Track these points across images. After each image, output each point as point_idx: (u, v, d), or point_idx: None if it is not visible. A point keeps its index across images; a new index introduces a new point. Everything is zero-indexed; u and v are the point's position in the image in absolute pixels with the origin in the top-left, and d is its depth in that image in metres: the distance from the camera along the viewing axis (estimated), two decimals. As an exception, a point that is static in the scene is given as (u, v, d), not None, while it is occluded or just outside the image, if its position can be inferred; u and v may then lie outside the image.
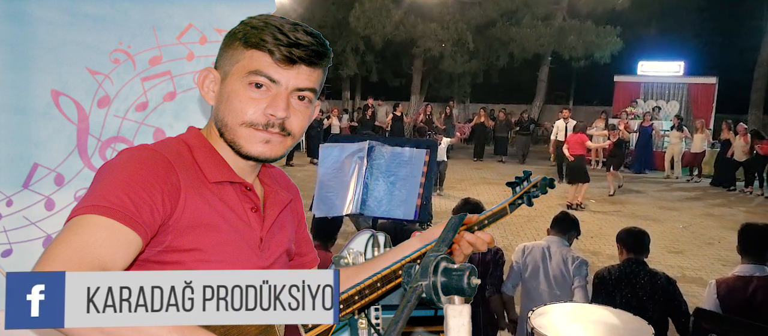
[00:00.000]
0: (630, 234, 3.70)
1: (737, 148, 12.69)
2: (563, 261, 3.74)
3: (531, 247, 3.89)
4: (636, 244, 3.62)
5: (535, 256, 3.81)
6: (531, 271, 3.80)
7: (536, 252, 3.82)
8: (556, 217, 4.01)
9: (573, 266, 3.70)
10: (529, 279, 3.80)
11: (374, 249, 2.60)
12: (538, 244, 3.89)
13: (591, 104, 22.66)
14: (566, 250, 3.80)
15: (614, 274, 3.55)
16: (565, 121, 13.62)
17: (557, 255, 3.77)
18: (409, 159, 2.73)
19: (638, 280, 3.48)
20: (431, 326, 2.36)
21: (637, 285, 3.47)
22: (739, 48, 21.77)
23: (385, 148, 2.76)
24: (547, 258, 3.79)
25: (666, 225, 9.08)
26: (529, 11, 20.08)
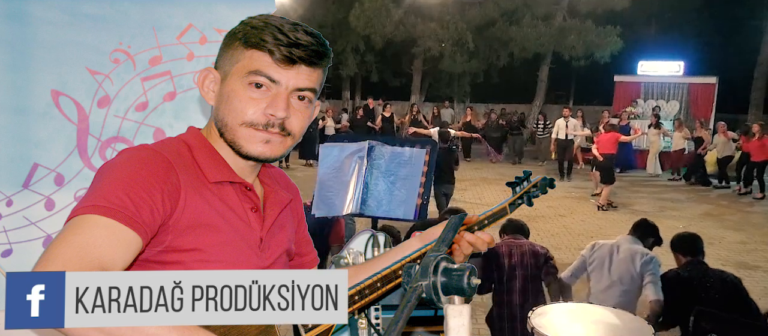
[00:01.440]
0: (684, 239, 3.85)
1: (718, 145, 12.90)
2: (631, 258, 3.81)
3: (601, 243, 4.00)
4: (692, 247, 3.77)
5: (603, 251, 3.92)
6: (596, 264, 3.90)
7: (605, 248, 3.93)
8: (636, 223, 4.14)
9: (642, 262, 3.76)
10: (593, 273, 3.89)
11: (374, 249, 2.60)
12: (609, 242, 4.00)
13: (591, 104, 22.63)
14: (636, 248, 3.86)
15: (684, 275, 3.65)
16: (565, 120, 13.63)
17: (626, 252, 3.85)
18: (409, 159, 2.73)
19: (707, 280, 3.57)
20: (431, 326, 2.36)
21: (708, 284, 3.55)
22: (739, 48, 21.76)
23: (385, 148, 2.76)
24: (614, 254, 3.88)
25: (666, 225, 9.06)
26: (529, 11, 20.06)
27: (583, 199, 11.03)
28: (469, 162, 16.18)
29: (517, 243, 3.87)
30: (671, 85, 17.72)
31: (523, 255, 3.78)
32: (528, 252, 3.80)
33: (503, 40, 20.85)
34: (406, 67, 23.85)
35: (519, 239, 3.94)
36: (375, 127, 16.13)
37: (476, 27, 20.55)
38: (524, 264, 3.76)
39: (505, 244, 3.88)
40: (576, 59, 20.51)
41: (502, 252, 3.81)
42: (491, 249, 3.87)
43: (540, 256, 3.81)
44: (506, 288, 3.76)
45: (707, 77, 17.62)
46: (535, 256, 3.79)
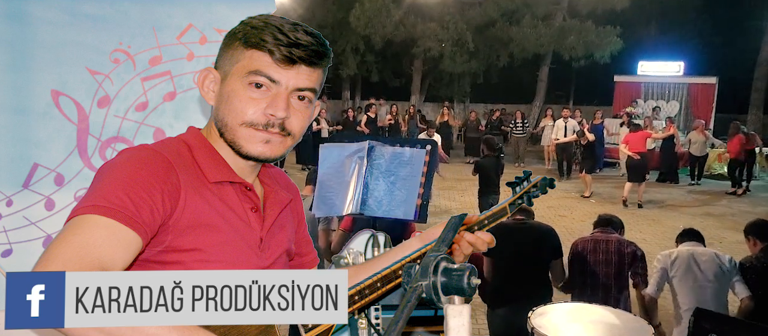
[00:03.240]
0: (759, 226, 4.08)
1: (695, 143, 13.16)
2: (713, 259, 3.94)
3: (674, 252, 4.10)
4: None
5: (682, 257, 4.00)
6: (682, 271, 3.96)
7: (682, 255, 4.01)
8: (686, 230, 4.30)
9: (728, 262, 3.92)
10: (681, 279, 3.95)
11: (374, 249, 2.60)
12: (677, 249, 4.11)
13: (591, 104, 22.64)
14: (710, 250, 4.03)
15: (762, 260, 3.83)
16: (564, 121, 13.63)
17: (707, 254, 3.98)
18: (409, 159, 2.73)
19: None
20: (431, 326, 2.36)
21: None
22: (739, 48, 21.75)
23: (386, 148, 2.76)
24: (695, 259, 3.97)
25: (666, 225, 9.08)
26: (529, 11, 20.05)
27: (583, 199, 11.03)
28: (469, 163, 16.17)
29: (605, 238, 3.95)
30: (671, 85, 17.74)
31: (609, 252, 3.88)
32: (614, 249, 3.89)
33: (503, 40, 20.84)
34: (406, 67, 23.84)
35: (608, 234, 4.01)
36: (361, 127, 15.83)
37: (476, 27, 20.54)
38: (609, 261, 3.87)
39: (591, 240, 3.97)
40: (576, 59, 20.51)
41: (587, 249, 3.92)
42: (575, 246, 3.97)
43: (625, 255, 3.88)
44: (590, 285, 3.85)
45: (707, 77, 17.64)
46: (619, 255, 3.88)
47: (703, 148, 13.20)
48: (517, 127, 16.08)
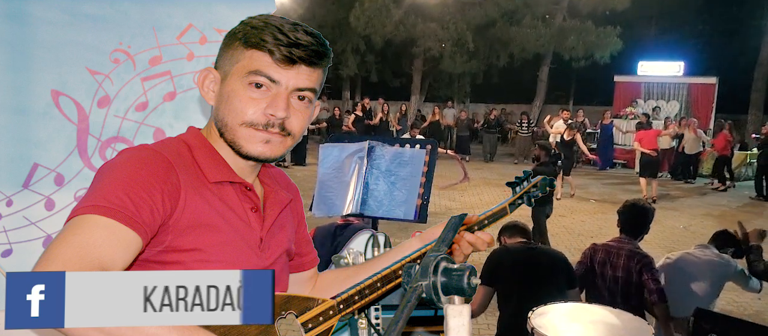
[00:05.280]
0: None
1: (687, 141, 13.37)
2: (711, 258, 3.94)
3: (675, 255, 4.08)
4: None
5: (683, 261, 3.98)
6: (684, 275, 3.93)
7: (684, 258, 3.99)
8: (716, 233, 4.29)
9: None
10: (683, 283, 3.91)
11: (374, 249, 2.60)
12: (685, 253, 4.08)
13: (591, 104, 22.64)
14: (712, 251, 4.01)
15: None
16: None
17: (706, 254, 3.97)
18: (409, 159, 2.73)
19: None
20: (431, 326, 2.36)
21: None
22: (739, 48, 21.77)
23: (386, 148, 2.76)
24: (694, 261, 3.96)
25: (666, 225, 9.08)
26: (529, 11, 20.06)
27: (583, 200, 11.03)
28: (468, 163, 16.17)
29: (617, 247, 3.73)
30: (671, 85, 17.74)
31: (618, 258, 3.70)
32: (624, 256, 3.68)
33: (503, 40, 20.85)
34: (406, 67, 23.83)
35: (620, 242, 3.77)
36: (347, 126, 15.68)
37: (476, 27, 20.54)
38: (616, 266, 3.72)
39: (602, 249, 3.79)
40: (576, 59, 20.52)
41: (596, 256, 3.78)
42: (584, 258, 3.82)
43: (634, 265, 3.62)
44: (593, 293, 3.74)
45: (707, 77, 17.64)
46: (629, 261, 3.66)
47: (696, 147, 13.41)
48: (523, 128, 16.21)
